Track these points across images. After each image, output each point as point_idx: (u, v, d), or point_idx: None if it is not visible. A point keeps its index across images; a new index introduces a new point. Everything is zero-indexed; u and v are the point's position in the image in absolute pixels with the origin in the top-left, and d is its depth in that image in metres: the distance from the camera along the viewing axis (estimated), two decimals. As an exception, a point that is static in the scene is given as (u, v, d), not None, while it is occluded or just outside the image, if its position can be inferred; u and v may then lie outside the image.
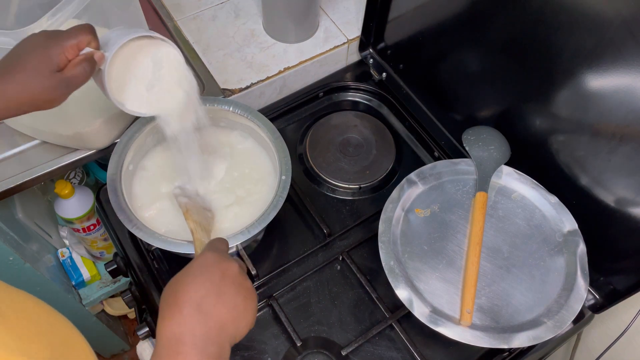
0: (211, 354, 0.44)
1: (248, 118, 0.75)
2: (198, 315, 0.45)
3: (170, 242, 0.65)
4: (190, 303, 0.46)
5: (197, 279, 0.48)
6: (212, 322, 0.46)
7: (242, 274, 0.50)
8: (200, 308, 0.46)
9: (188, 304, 0.46)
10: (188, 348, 0.44)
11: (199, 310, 0.46)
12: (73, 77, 0.53)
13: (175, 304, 0.46)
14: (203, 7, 0.98)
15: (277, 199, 0.69)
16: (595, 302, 0.74)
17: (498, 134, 0.79)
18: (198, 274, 0.48)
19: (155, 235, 0.66)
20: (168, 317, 0.46)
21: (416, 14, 0.84)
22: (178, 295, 0.47)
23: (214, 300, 0.47)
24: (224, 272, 0.49)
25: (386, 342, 0.73)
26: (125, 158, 0.71)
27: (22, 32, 0.56)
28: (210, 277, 0.48)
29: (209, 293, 0.47)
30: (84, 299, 1.20)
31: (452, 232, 0.73)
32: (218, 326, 0.46)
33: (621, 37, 0.56)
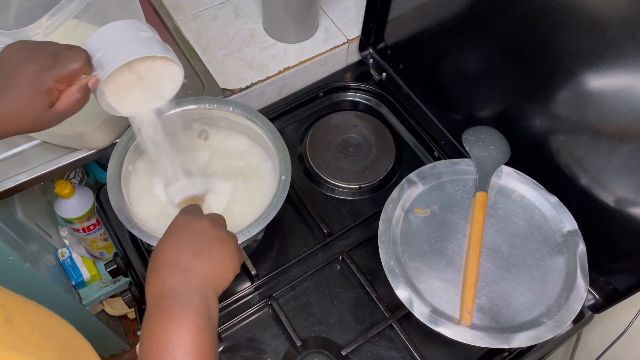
0: (195, 302, 0.47)
1: (248, 118, 0.75)
2: (176, 272, 0.49)
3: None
4: (166, 263, 0.50)
5: (170, 241, 0.52)
6: (191, 275, 0.49)
7: (213, 227, 0.53)
8: (177, 265, 0.49)
9: (165, 264, 0.50)
10: (171, 301, 0.47)
11: (177, 268, 0.49)
12: (66, 109, 0.52)
13: (155, 268, 0.50)
14: (203, 7, 0.98)
15: (277, 199, 0.69)
16: (595, 302, 0.74)
17: (498, 134, 0.79)
18: (170, 237, 0.52)
19: (155, 235, 0.66)
20: (151, 281, 0.50)
21: (416, 14, 0.84)
22: (157, 260, 0.50)
23: (189, 256, 0.50)
24: (195, 230, 0.52)
25: (386, 342, 0.73)
26: (125, 158, 0.71)
27: (22, 32, 0.56)
28: (182, 237, 0.51)
29: (183, 251, 0.50)
30: (84, 299, 1.20)
31: (452, 232, 0.73)
32: (197, 278, 0.49)
33: (621, 37, 0.56)
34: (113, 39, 0.54)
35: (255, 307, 0.74)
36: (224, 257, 0.51)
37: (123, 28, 0.55)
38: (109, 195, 0.68)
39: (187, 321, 0.45)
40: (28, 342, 0.36)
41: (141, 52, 0.54)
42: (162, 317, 0.46)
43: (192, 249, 0.50)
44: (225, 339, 0.72)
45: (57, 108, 0.51)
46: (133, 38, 0.55)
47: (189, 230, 0.52)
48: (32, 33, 0.56)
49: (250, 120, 0.75)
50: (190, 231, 0.52)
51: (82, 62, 0.51)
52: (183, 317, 0.46)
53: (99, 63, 0.53)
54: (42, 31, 0.56)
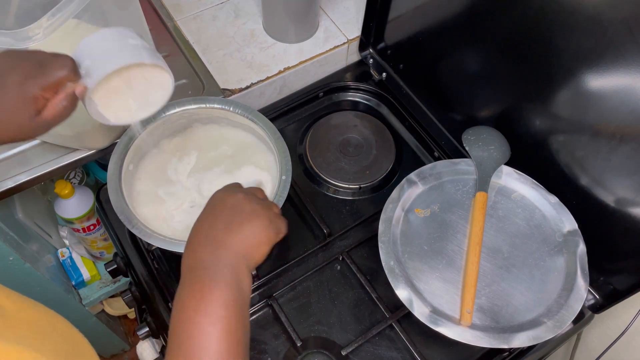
0: (225, 274, 0.47)
1: (248, 118, 0.75)
2: (206, 245, 0.50)
3: (170, 242, 0.65)
4: (198, 237, 0.51)
5: (204, 216, 0.53)
6: (221, 248, 0.49)
7: (247, 200, 0.53)
8: (207, 239, 0.50)
9: (197, 238, 0.51)
10: (201, 272, 0.47)
11: (207, 240, 0.50)
12: (53, 118, 0.51)
13: (189, 242, 0.51)
14: (203, 7, 0.98)
15: (278, 199, 0.69)
16: (595, 302, 0.74)
17: (498, 134, 0.79)
18: (204, 213, 0.53)
19: (155, 235, 0.66)
20: (184, 254, 0.51)
21: (416, 14, 0.84)
22: (192, 234, 0.52)
23: (221, 230, 0.51)
24: (227, 204, 0.53)
25: (386, 342, 0.73)
26: (125, 158, 0.71)
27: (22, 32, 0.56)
28: (216, 211, 0.52)
29: (213, 225, 0.51)
30: (84, 299, 1.20)
31: (452, 232, 0.73)
32: (228, 251, 0.49)
33: (621, 37, 0.56)
34: (101, 47, 0.54)
35: (255, 307, 0.74)
36: (256, 230, 0.52)
37: (111, 36, 0.55)
38: (109, 195, 0.68)
39: (216, 293, 0.46)
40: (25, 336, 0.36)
41: (129, 60, 0.53)
42: (191, 288, 0.47)
43: (223, 223, 0.51)
44: (225, 339, 0.72)
45: (43, 116, 0.51)
46: (122, 46, 0.54)
47: (222, 205, 0.53)
48: (32, 33, 0.56)
49: (250, 121, 0.76)
50: (223, 205, 0.53)
51: (67, 69, 0.50)
52: (212, 288, 0.46)
53: (87, 71, 0.53)
54: (42, 31, 0.56)
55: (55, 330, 0.40)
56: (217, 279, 0.46)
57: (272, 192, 0.70)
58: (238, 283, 0.47)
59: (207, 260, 0.48)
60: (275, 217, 0.54)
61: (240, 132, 0.79)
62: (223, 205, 0.53)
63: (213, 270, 0.47)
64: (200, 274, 0.47)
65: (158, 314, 0.74)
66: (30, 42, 0.56)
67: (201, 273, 0.47)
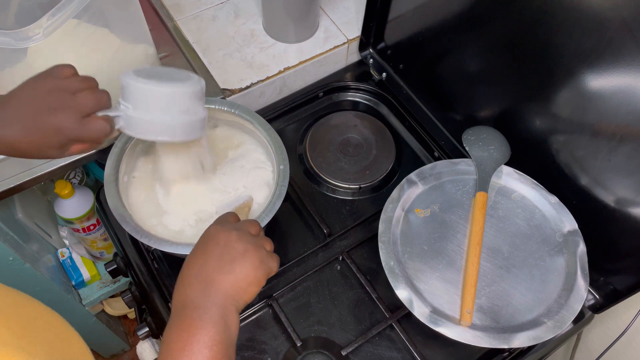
0: (213, 315, 0.48)
1: (236, 114, 0.75)
2: (197, 283, 0.50)
3: (169, 243, 0.65)
4: (190, 274, 0.51)
5: (197, 251, 0.53)
6: (211, 287, 0.49)
7: (240, 239, 0.52)
8: (198, 277, 0.50)
9: (188, 275, 0.51)
10: (190, 312, 0.48)
11: (198, 279, 0.50)
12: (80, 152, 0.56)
13: (180, 277, 0.51)
14: (203, 7, 0.98)
15: (280, 188, 0.69)
16: (595, 302, 0.74)
17: (498, 134, 0.79)
18: (197, 248, 0.53)
19: (154, 236, 0.66)
20: (176, 290, 0.51)
21: (416, 14, 0.84)
22: (183, 269, 0.52)
23: (212, 268, 0.50)
24: (220, 242, 0.52)
25: (386, 342, 0.73)
26: (122, 159, 0.71)
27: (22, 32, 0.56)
28: (208, 248, 0.52)
29: (206, 263, 0.51)
30: (84, 299, 1.20)
31: (452, 232, 0.73)
32: (217, 291, 0.49)
33: (621, 37, 0.56)
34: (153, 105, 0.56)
35: (255, 307, 0.74)
36: (247, 271, 0.51)
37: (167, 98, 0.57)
38: (107, 197, 0.68)
39: (202, 333, 0.46)
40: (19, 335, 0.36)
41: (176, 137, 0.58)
42: (180, 327, 0.47)
43: (215, 262, 0.51)
44: (225, 339, 0.72)
45: (70, 151, 0.55)
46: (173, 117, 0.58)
47: (215, 243, 0.52)
48: (32, 33, 0.56)
49: (237, 116, 0.75)
50: (215, 243, 0.52)
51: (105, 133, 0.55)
52: (199, 328, 0.46)
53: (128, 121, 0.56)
54: (42, 31, 0.56)
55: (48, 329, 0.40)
56: (205, 318, 0.47)
57: (272, 183, 0.70)
58: (225, 324, 0.48)
59: (197, 299, 0.49)
60: (266, 257, 0.53)
61: (232, 130, 0.79)
62: (215, 243, 0.52)
63: (202, 310, 0.48)
64: (189, 312, 0.48)
65: (158, 314, 0.74)
66: (30, 42, 0.56)
67: (190, 312, 0.48)
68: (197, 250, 0.53)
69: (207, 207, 0.72)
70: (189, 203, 0.72)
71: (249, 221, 0.56)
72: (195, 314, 0.47)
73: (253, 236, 0.54)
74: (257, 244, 0.53)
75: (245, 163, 0.76)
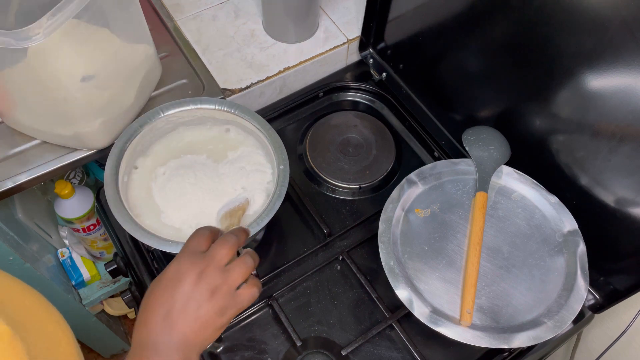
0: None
1: (236, 114, 0.75)
2: (163, 325, 0.49)
3: (169, 243, 0.65)
4: (157, 313, 0.49)
5: (167, 290, 0.50)
6: (176, 332, 0.48)
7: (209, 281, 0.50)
8: (166, 319, 0.49)
9: (156, 313, 0.49)
10: (151, 354, 0.47)
11: (165, 321, 0.49)
12: None
13: (145, 311, 0.50)
14: (203, 7, 0.98)
15: (280, 188, 0.69)
16: (595, 302, 0.74)
17: (498, 134, 0.79)
18: (170, 285, 0.50)
19: (154, 236, 0.66)
20: (139, 323, 0.50)
21: (416, 14, 0.84)
22: (149, 303, 0.50)
23: (180, 312, 0.49)
24: (188, 284, 0.50)
25: (386, 342, 0.73)
26: (122, 158, 0.71)
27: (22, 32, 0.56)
28: (181, 287, 0.50)
29: (174, 305, 0.49)
30: (84, 299, 1.20)
31: (452, 232, 0.73)
32: (181, 336, 0.49)
33: (621, 37, 0.56)
34: None
35: (255, 307, 0.74)
36: (212, 319, 0.50)
37: None
38: (107, 197, 0.68)
39: None
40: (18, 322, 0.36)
41: None
42: None
43: (181, 306, 0.49)
44: (226, 339, 0.72)
45: None
46: None
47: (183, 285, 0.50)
48: (32, 33, 0.56)
49: (238, 117, 0.76)
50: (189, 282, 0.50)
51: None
52: None
53: None
54: (42, 31, 0.56)
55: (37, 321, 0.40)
56: None
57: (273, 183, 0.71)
58: None
59: (159, 343, 0.48)
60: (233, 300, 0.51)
61: (231, 130, 0.79)
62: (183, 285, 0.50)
63: (163, 354, 0.47)
64: (151, 355, 0.47)
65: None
66: (30, 42, 0.56)
67: (151, 354, 0.47)
68: (169, 287, 0.50)
69: (207, 207, 0.72)
70: (189, 203, 0.72)
71: (223, 245, 0.52)
72: (154, 357, 0.47)
73: (223, 271, 0.51)
74: (227, 283, 0.51)
75: (245, 164, 0.76)
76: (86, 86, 0.68)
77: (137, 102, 0.79)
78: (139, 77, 0.78)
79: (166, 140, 0.78)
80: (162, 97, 0.84)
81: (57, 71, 0.64)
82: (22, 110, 0.73)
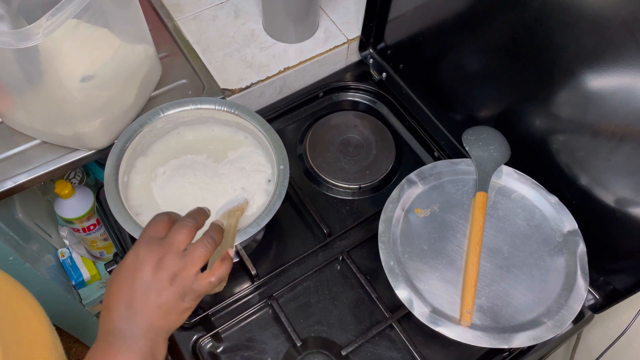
0: (141, 347, 0.48)
1: (236, 114, 0.75)
2: (126, 314, 0.49)
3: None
4: (119, 303, 0.49)
5: (127, 280, 0.50)
6: (140, 320, 0.49)
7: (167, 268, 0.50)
8: (128, 308, 0.49)
9: (118, 303, 0.49)
10: (117, 340, 0.48)
11: (128, 310, 0.49)
12: None
13: (108, 301, 0.50)
14: (203, 7, 0.98)
15: (280, 188, 0.69)
16: (595, 302, 0.74)
17: (498, 134, 0.79)
18: (129, 275, 0.50)
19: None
20: (104, 312, 0.50)
21: (416, 14, 0.84)
22: (111, 292, 0.50)
23: (142, 300, 0.49)
24: (147, 272, 0.49)
25: (386, 342, 0.73)
26: (122, 158, 0.71)
27: (22, 32, 0.56)
28: (140, 276, 0.49)
29: (135, 294, 0.49)
30: (84, 299, 1.20)
31: (452, 232, 0.73)
32: (145, 324, 0.49)
33: (621, 37, 0.56)
34: None
35: (255, 307, 0.74)
36: (175, 303, 0.50)
37: None
38: (106, 197, 0.68)
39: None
40: None
41: None
42: (106, 355, 0.47)
43: (142, 294, 0.49)
44: (225, 339, 0.72)
45: None
46: None
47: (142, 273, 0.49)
48: (32, 33, 0.56)
49: (238, 117, 0.76)
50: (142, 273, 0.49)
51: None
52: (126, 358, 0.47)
53: None
54: (42, 31, 0.56)
55: None
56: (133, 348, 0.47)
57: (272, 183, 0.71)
58: (153, 354, 0.48)
59: (124, 329, 0.48)
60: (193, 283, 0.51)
61: (230, 130, 0.79)
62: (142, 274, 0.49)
63: (130, 341, 0.47)
64: (117, 342, 0.47)
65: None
66: (30, 42, 0.56)
67: (117, 341, 0.47)
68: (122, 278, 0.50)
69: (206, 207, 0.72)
70: (188, 203, 0.72)
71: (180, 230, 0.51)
72: (122, 343, 0.47)
73: (182, 257, 0.50)
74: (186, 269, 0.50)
75: (245, 164, 0.76)
76: (86, 86, 0.68)
77: (137, 102, 0.79)
78: (139, 77, 0.78)
79: (166, 140, 0.78)
80: (162, 97, 0.84)
81: (56, 71, 0.64)
82: (22, 110, 0.73)
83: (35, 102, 0.70)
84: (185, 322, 0.72)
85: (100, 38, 0.68)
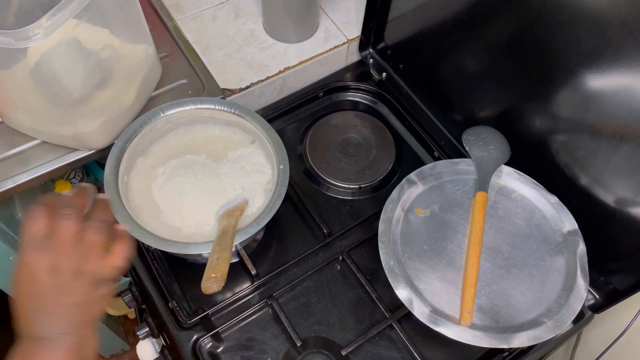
0: (66, 343, 0.47)
1: (236, 114, 0.75)
2: (42, 319, 0.47)
3: (169, 243, 0.65)
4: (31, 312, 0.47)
5: (27, 292, 0.48)
6: (58, 319, 0.47)
7: (65, 261, 0.47)
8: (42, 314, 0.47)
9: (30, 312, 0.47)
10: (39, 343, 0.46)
11: (43, 315, 0.47)
12: None
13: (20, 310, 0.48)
14: (203, 7, 0.98)
15: (280, 188, 0.69)
16: (595, 302, 0.74)
17: (498, 134, 0.80)
18: (27, 286, 0.48)
19: (154, 236, 0.66)
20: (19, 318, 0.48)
21: (416, 14, 0.84)
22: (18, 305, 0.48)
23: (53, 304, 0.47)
24: (49, 274, 0.47)
25: (386, 342, 0.73)
26: (122, 158, 0.71)
27: (22, 32, 0.56)
28: (39, 284, 0.47)
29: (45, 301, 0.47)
30: (84, 299, 1.20)
31: (452, 232, 0.73)
32: (66, 323, 0.47)
33: (621, 37, 0.56)
34: None
35: (255, 307, 0.74)
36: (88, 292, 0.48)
37: None
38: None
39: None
40: None
41: None
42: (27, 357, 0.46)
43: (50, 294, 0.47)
44: (225, 339, 0.72)
45: None
46: None
47: (45, 279, 0.47)
48: (32, 33, 0.56)
49: (238, 117, 0.76)
50: (45, 276, 0.47)
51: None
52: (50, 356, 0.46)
53: None
54: (42, 31, 0.56)
55: None
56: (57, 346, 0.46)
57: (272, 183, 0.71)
58: (82, 348, 0.47)
59: (47, 331, 0.46)
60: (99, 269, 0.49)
61: (230, 130, 0.79)
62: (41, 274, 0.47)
63: (52, 340, 0.46)
64: (38, 344, 0.46)
65: (158, 314, 0.74)
66: (30, 42, 0.56)
67: (39, 344, 0.46)
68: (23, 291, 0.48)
69: (206, 207, 0.72)
70: (188, 203, 0.72)
71: (63, 222, 0.48)
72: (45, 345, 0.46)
73: (76, 250, 0.48)
74: (87, 260, 0.48)
75: (245, 164, 0.76)
76: (86, 86, 0.68)
77: (137, 102, 0.79)
78: (139, 77, 0.78)
79: (166, 140, 0.78)
80: (162, 97, 0.84)
81: (56, 71, 0.64)
82: (22, 110, 0.73)
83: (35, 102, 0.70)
84: (186, 322, 0.72)
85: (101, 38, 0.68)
